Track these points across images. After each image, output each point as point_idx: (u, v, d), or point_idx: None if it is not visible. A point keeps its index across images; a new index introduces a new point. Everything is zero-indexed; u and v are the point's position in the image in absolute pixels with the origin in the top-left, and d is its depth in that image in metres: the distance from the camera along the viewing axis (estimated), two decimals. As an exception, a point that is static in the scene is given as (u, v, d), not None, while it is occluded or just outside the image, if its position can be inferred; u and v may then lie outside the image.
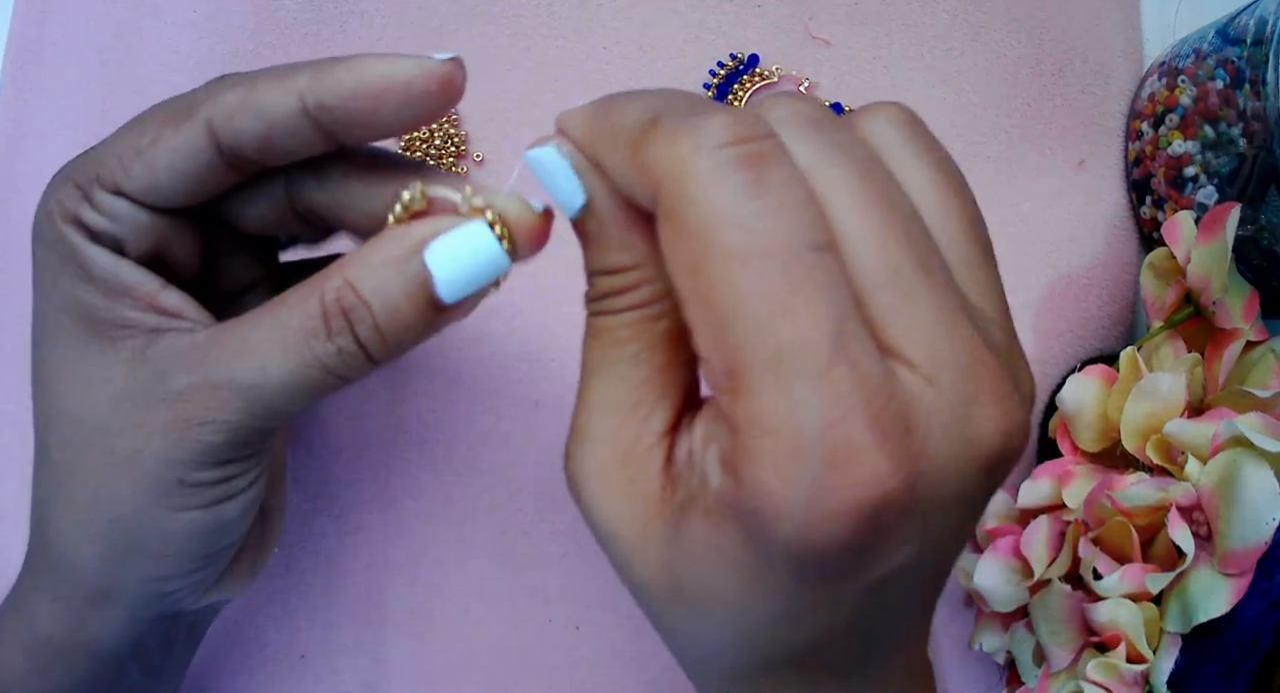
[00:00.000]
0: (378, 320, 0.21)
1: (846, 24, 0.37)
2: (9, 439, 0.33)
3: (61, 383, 0.22)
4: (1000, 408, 0.17)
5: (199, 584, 0.24)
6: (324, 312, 0.21)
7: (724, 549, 0.18)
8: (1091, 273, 0.36)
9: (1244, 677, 0.27)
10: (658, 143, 0.17)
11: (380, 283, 0.20)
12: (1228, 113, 0.31)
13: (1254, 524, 0.26)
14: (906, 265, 0.17)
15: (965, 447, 0.17)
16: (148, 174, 0.21)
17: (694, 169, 0.16)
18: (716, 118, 0.16)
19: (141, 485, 0.22)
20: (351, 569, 0.33)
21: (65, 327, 0.22)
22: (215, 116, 0.21)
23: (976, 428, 0.17)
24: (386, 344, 0.21)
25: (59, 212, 0.22)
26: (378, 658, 0.33)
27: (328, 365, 0.21)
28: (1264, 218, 0.30)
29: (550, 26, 0.36)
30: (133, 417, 0.22)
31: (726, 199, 0.16)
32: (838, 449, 0.16)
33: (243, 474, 0.23)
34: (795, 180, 0.16)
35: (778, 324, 0.16)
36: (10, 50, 0.35)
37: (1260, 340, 0.31)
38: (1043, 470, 0.32)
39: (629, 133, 0.18)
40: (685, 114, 0.17)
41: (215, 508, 0.23)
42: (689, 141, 0.16)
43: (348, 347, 0.21)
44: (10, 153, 0.35)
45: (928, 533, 0.17)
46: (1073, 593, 0.29)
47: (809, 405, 0.16)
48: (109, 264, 0.22)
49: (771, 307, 0.16)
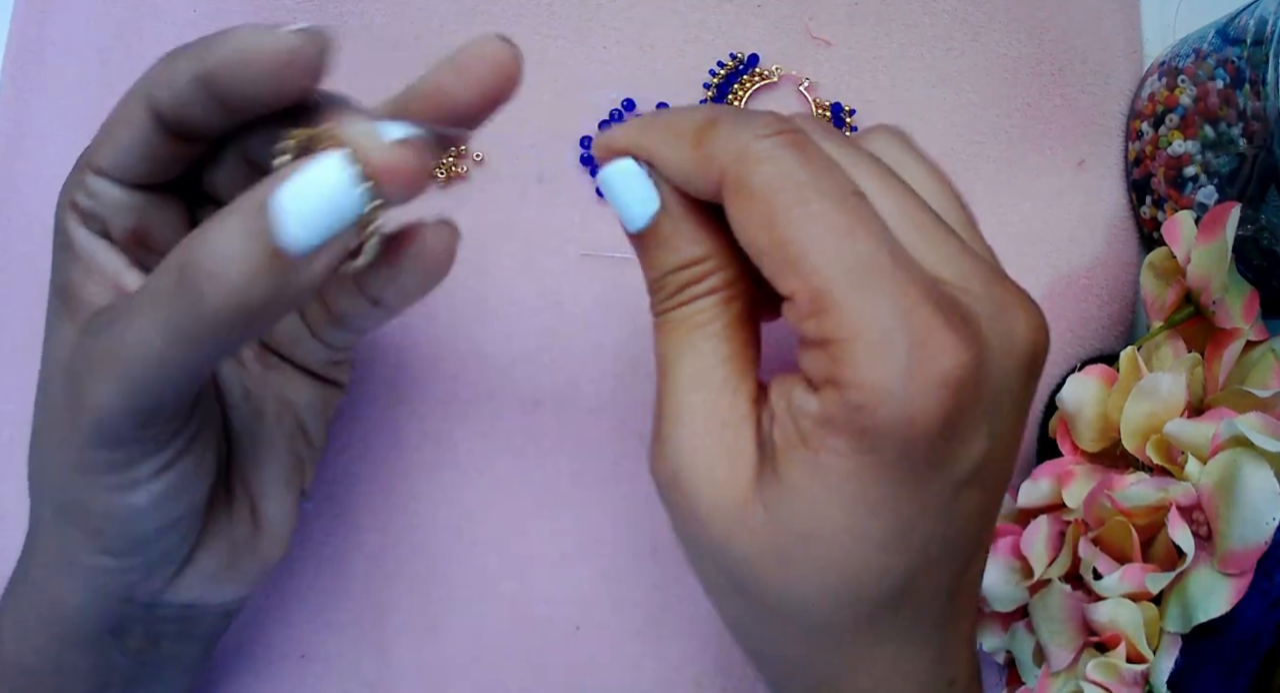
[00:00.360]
0: (215, 272, 0.19)
1: (846, 24, 0.37)
2: (9, 439, 0.33)
3: (44, 355, 0.24)
4: (1026, 312, 0.21)
5: (146, 571, 0.24)
6: (176, 268, 0.19)
7: (830, 470, 0.20)
8: (1091, 273, 0.36)
9: (1244, 677, 0.27)
10: (721, 136, 0.21)
11: (223, 232, 0.19)
12: (1228, 113, 0.31)
13: (1254, 524, 0.26)
14: (922, 217, 0.21)
15: (1007, 341, 0.20)
16: (114, 152, 0.22)
17: (755, 149, 0.20)
18: (762, 116, 0.21)
19: (59, 458, 0.23)
20: (352, 569, 0.33)
21: (53, 303, 0.24)
22: (146, 88, 0.22)
23: (1012, 325, 0.20)
24: (228, 301, 0.19)
25: (62, 199, 0.24)
26: (378, 658, 0.33)
27: (176, 330, 0.19)
28: (1264, 218, 0.30)
29: (550, 26, 0.36)
30: (60, 388, 0.23)
31: (783, 165, 0.20)
32: (918, 332, 0.19)
33: (142, 461, 0.22)
34: (828, 154, 0.21)
35: (844, 244, 0.19)
36: (10, 50, 0.35)
37: (1260, 340, 0.31)
38: (1043, 470, 0.32)
39: (689, 134, 0.21)
40: (735, 115, 0.21)
41: (118, 495, 0.22)
42: (747, 132, 0.20)
43: (190, 303, 0.19)
44: (10, 153, 0.35)
45: (993, 423, 0.20)
46: (1073, 593, 0.29)
47: (887, 301, 0.19)
48: (88, 244, 0.23)
49: (838, 232, 0.19)
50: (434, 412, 0.34)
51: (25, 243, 0.34)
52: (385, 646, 0.33)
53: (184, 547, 0.25)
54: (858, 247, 0.19)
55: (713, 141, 0.21)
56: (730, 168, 0.20)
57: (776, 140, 0.20)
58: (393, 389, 0.34)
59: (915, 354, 0.19)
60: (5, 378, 0.34)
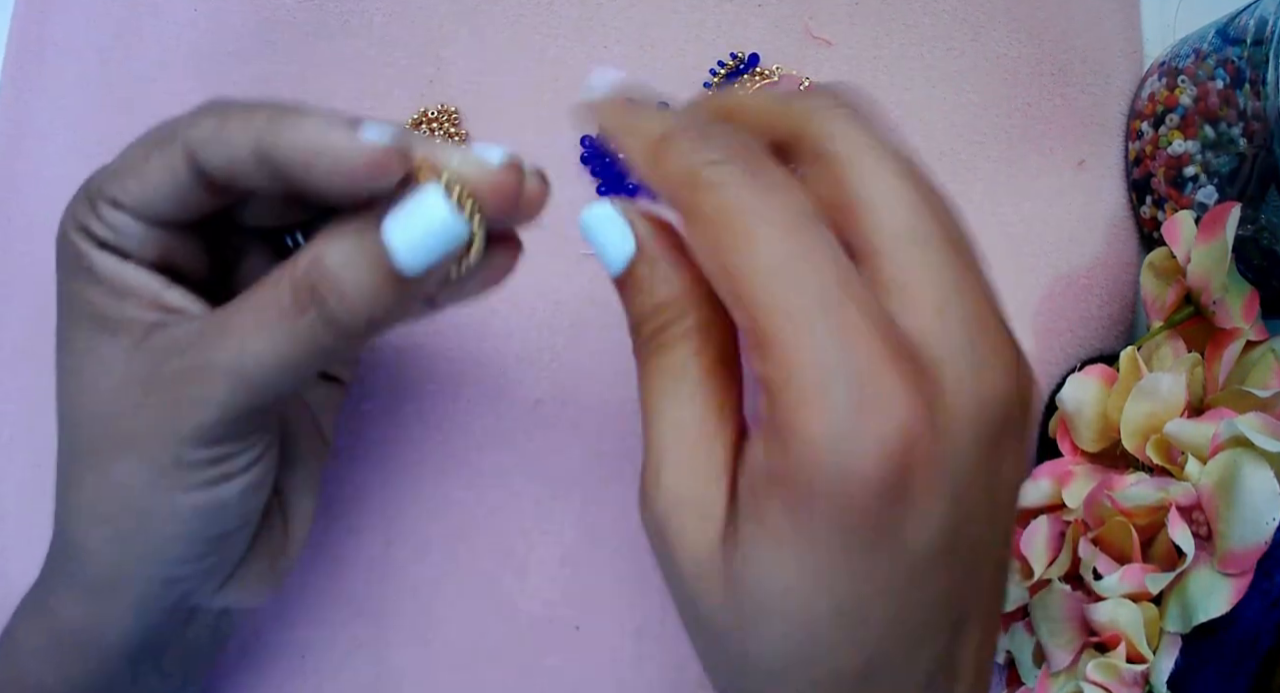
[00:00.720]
0: (345, 293, 0.21)
1: (846, 24, 0.37)
2: (9, 439, 0.33)
3: (74, 378, 0.23)
4: (1007, 365, 0.18)
5: (208, 575, 0.25)
6: (294, 288, 0.21)
7: (775, 531, 0.18)
8: (1091, 273, 0.36)
9: (1244, 677, 0.27)
10: (672, 156, 0.20)
11: (344, 257, 0.21)
12: (1228, 113, 0.31)
13: (1254, 524, 0.26)
14: (923, 230, 0.19)
15: (977, 397, 0.18)
16: (141, 192, 0.22)
17: (704, 176, 0.19)
18: (717, 137, 0.20)
19: (141, 465, 0.22)
20: (352, 569, 0.33)
21: (77, 324, 0.23)
22: (192, 142, 0.21)
23: (989, 379, 0.18)
24: (356, 317, 0.21)
25: (71, 222, 0.23)
26: (378, 658, 0.33)
27: (302, 340, 0.21)
28: (1264, 218, 0.30)
29: (550, 26, 0.36)
30: (132, 400, 0.22)
31: (729, 193, 0.19)
32: (861, 377, 0.17)
33: (239, 454, 0.23)
34: (782, 171, 0.19)
35: (787, 275, 0.18)
36: (10, 50, 0.35)
37: (1260, 340, 0.31)
38: (1043, 470, 0.32)
39: (647, 149, 0.20)
40: (689, 133, 0.20)
41: (213, 489, 0.23)
42: (697, 156, 0.19)
43: (319, 321, 0.21)
44: (10, 153, 0.35)
45: (959, 490, 0.18)
46: (1073, 593, 0.29)
47: (830, 340, 0.17)
48: (114, 268, 0.23)
49: (780, 262, 0.18)
50: (434, 411, 0.34)
51: (25, 243, 0.34)
52: (385, 646, 0.33)
53: (243, 547, 0.25)
54: (803, 279, 0.18)
55: (666, 162, 0.20)
56: (680, 194, 0.19)
57: (725, 168, 0.19)
58: (393, 389, 0.34)
59: (856, 402, 0.17)
60: (5, 378, 0.34)
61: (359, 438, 0.34)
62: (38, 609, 0.25)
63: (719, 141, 0.20)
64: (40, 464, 0.33)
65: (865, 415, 0.17)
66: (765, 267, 0.18)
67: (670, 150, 0.20)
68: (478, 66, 0.35)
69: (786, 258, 0.18)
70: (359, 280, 0.21)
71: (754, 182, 0.19)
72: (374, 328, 0.22)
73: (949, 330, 0.18)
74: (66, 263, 0.23)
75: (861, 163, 0.20)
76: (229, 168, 0.21)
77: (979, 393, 0.18)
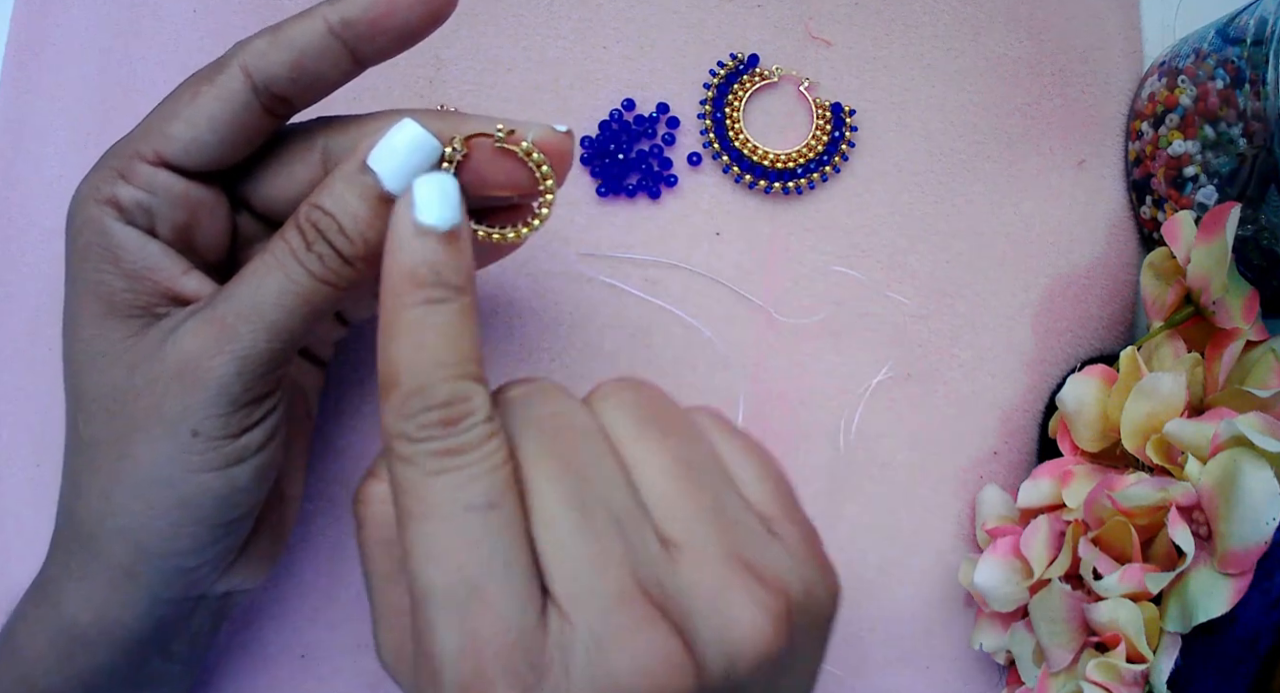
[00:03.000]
0: (342, 224, 0.23)
1: (846, 24, 0.37)
2: (9, 439, 0.33)
3: (84, 362, 0.24)
4: (644, 650, 0.19)
5: (218, 561, 0.25)
6: (300, 231, 0.23)
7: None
8: (1091, 273, 0.36)
9: (1244, 677, 0.27)
10: (387, 405, 0.21)
11: (337, 194, 0.23)
12: (1228, 113, 0.31)
13: (1254, 524, 0.26)
14: (557, 504, 0.20)
15: (604, 684, 0.19)
16: (189, 130, 0.24)
17: (398, 449, 0.20)
18: (420, 414, 0.20)
19: (158, 444, 0.23)
20: (352, 569, 0.33)
21: (87, 307, 0.24)
22: (248, 60, 0.23)
23: (612, 664, 0.19)
24: (354, 244, 0.23)
25: (93, 195, 0.24)
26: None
27: (314, 273, 0.23)
28: (1264, 218, 0.30)
29: (550, 26, 0.36)
30: (146, 379, 0.23)
31: (410, 474, 0.20)
32: (465, 676, 0.19)
33: (255, 427, 0.24)
34: (474, 461, 0.20)
35: (428, 568, 0.20)
36: (10, 50, 0.35)
37: (1260, 340, 0.31)
38: (1043, 470, 0.32)
39: (382, 378, 0.21)
40: (405, 391, 0.21)
41: (229, 471, 0.24)
42: (404, 422, 0.20)
43: (326, 252, 0.23)
44: (10, 153, 0.35)
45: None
46: (1073, 593, 0.29)
47: (445, 638, 0.19)
48: (137, 244, 0.24)
49: (427, 554, 0.20)
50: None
51: (25, 242, 0.34)
52: (385, 646, 0.33)
53: (248, 531, 0.26)
54: (440, 576, 0.19)
55: (384, 399, 0.21)
56: (385, 440, 0.21)
57: (419, 447, 0.20)
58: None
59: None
60: (5, 378, 0.34)
61: (359, 438, 0.34)
62: (42, 607, 0.25)
63: (424, 415, 0.20)
64: (41, 463, 0.33)
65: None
66: (416, 552, 0.20)
67: (388, 396, 0.21)
68: (478, 66, 0.35)
69: (433, 547, 0.20)
70: (353, 208, 0.23)
71: (443, 454, 0.20)
72: (374, 254, 0.23)
73: (577, 610, 0.19)
74: (81, 240, 0.24)
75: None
76: (297, 62, 0.23)
77: (605, 673, 0.19)
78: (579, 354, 0.34)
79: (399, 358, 0.21)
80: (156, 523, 0.23)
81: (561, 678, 0.19)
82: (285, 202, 0.26)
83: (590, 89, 0.35)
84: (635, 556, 0.20)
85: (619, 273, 0.35)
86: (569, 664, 0.19)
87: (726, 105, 0.35)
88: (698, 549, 0.20)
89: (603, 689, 0.19)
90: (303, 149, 0.25)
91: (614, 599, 0.19)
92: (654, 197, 0.35)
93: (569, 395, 0.23)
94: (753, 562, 0.21)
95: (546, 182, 0.25)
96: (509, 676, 0.19)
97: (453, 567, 0.19)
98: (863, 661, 0.34)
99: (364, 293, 0.29)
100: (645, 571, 0.20)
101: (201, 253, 0.25)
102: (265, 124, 0.24)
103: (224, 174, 0.25)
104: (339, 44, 0.23)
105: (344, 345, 0.33)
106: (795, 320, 0.35)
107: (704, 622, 0.20)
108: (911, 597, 0.34)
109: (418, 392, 0.20)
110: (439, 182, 0.22)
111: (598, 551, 0.20)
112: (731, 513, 0.22)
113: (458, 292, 0.21)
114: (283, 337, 0.23)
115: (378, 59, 0.24)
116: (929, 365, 0.35)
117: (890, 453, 0.35)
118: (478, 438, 0.20)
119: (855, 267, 0.35)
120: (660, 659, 0.19)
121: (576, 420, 0.22)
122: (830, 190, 0.36)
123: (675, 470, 0.22)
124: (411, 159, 0.23)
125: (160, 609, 0.25)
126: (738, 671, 0.20)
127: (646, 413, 0.23)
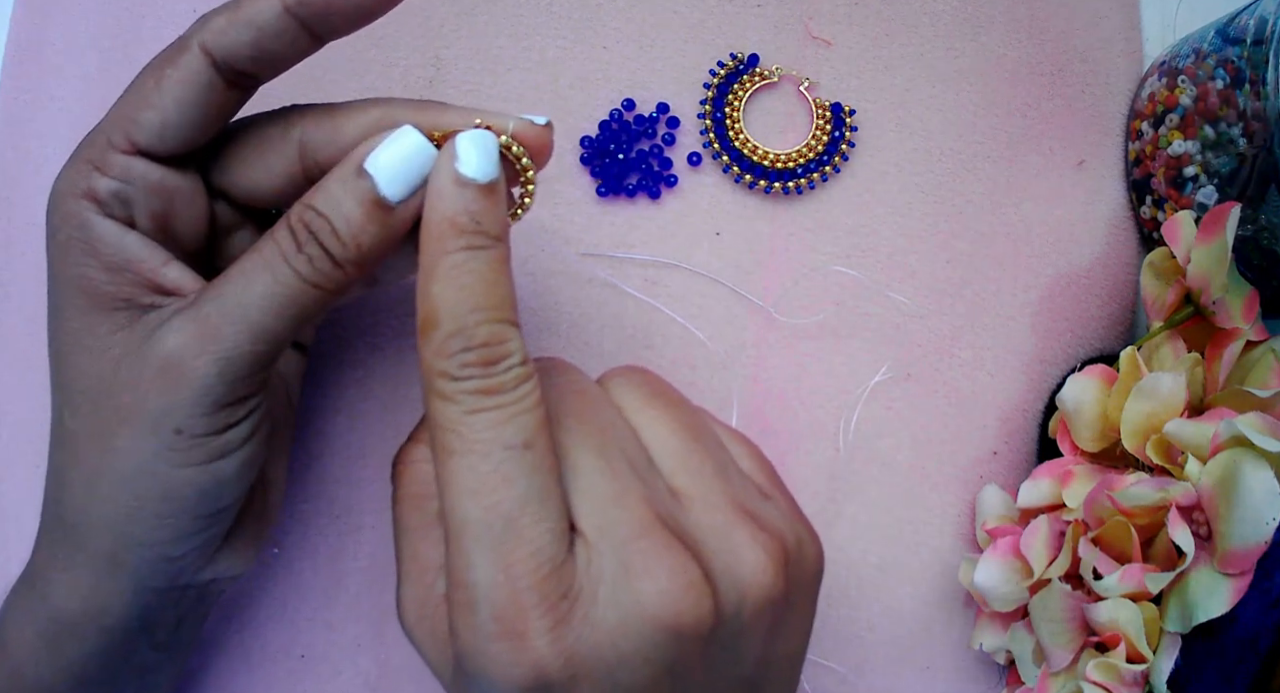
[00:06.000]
0: (336, 227, 0.23)
1: (846, 24, 0.37)
2: (9, 439, 0.33)
3: (69, 355, 0.24)
4: (666, 575, 0.21)
5: (202, 550, 0.25)
6: (291, 231, 0.23)
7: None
8: (1091, 273, 0.36)
9: (1244, 677, 0.27)
10: (427, 345, 0.22)
11: (332, 196, 0.23)
12: (1228, 113, 0.31)
13: (1254, 524, 0.26)
14: (580, 451, 0.22)
15: (631, 610, 0.20)
16: (158, 115, 0.23)
17: (437, 386, 0.21)
18: (457, 355, 0.21)
19: (142, 439, 0.23)
20: (351, 569, 0.33)
21: (71, 302, 0.24)
22: (206, 39, 0.23)
23: (638, 589, 0.20)
24: (347, 247, 0.23)
25: (70, 190, 0.24)
26: (378, 658, 0.33)
27: (302, 274, 0.23)
28: (1264, 218, 0.30)
29: (550, 26, 0.36)
30: (130, 374, 0.23)
31: (451, 412, 0.21)
32: (499, 605, 0.20)
33: (238, 424, 0.24)
34: (512, 401, 0.21)
35: (465, 502, 0.21)
36: (10, 50, 0.35)
37: (1260, 340, 0.31)
38: (1043, 470, 0.32)
39: (420, 317, 0.22)
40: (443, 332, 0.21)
41: (213, 465, 0.24)
42: (441, 360, 0.21)
43: (316, 254, 0.23)
44: (10, 153, 0.35)
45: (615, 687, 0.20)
46: (1073, 593, 0.29)
47: (481, 568, 0.20)
48: (115, 237, 0.24)
49: (464, 489, 0.21)
50: (434, 412, 0.34)
51: (25, 242, 0.34)
52: (384, 645, 0.33)
53: (231, 521, 0.26)
54: (474, 508, 0.20)
55: (423, 339, 0.22)
56: (426, 377, 0.22)
57: (460, 385, 0.21)
58: (393, 389, 0.34)
59: (494, 628, 0.20)
60: (5, 378, 0.34)
61: (359, 438, 0.34)
62: (30, 599, 0.25)
63: (461, 356, 0.21)
64: (40, 464, 0.33)
65: (500, 634, 0.20)
66: (453, 487, 0.21)
67: (427, 337, 0.22)
68: (478, 66, 0.35)
69: (471, 482, 0.21)
70: (349, 212, 0.23)
71: (480, 393, 0.21)
72: (365, 260, 0.23)
73: (601, 542, 0.21)
74: (61, 235, 0.24)
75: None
76: (256, 40, 0.23)
77: (632, 601, 0.20)
78: (579, 354, 0.34)
79: (440, 300, 0.21)
80: (140, 514, 0.23)
81: (591, 605, 0.20)
82: (262, 191, 0.26)
83: (590, 89, 0.35)
84: (653, 495, 0.22)
85: (619, 273, 0.35)
86: (597, 592, 0.20)
87: (726, 105, 0.35)
88: (704, 498, 0.23)
89: (629, 614, 0.20)
90: (278, 139, 0.25)
91: (637, 528, 0.21)
92: (654, 196, 0.35)
93: (581, 371, 0.25)
94: (755, 512, 0.23)
95: (527, 173, 0.25)
96: (543, 604, 0.20)
97: (490, 502, 0.20)
98: (863, 661, 0.34)
99: (353, 292, 0.30)
100: (662, 508, 0.22)
101: (181, 242, 0.25)
102: (232, 100, 0.24)
103: (199, 159, 0.25)
104: (295, 23, 0.23)
105: (344, 345, 0.33)
106: (795, 320, 0.35)
107: (716, 558, 0.22)
108: (911, 597, 0.34)
109: (458, 332, 0.21)
110: (481, 138, 0.23)
111: (620, 489, 0.22)
112: (732, 473, 0.24)
113: (495, 240, 0.22)
114: (267, 339, 0.23)
115: (335, 36, 0.24)
116: (929, 365, 0.35)
117: (890, 453, 0.35)
118: (514, 379, 0.21)
119: (855, 266, 0.35)
120: (682, 584, 0.21)
121: (590, 388, 0.24)
122: (830, 190, 0.36)
123: (682, 433, 0.24)
124: (410, 166, 0.23)
125: (146, 597, 0.25)
126: (745, 609, 0.21)
127: (653, 389, 0.25)
